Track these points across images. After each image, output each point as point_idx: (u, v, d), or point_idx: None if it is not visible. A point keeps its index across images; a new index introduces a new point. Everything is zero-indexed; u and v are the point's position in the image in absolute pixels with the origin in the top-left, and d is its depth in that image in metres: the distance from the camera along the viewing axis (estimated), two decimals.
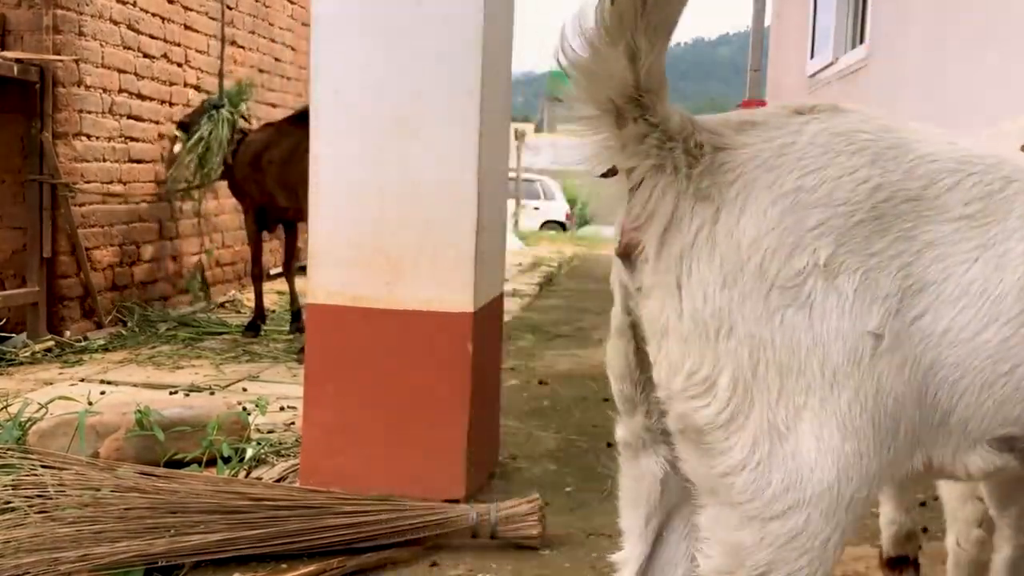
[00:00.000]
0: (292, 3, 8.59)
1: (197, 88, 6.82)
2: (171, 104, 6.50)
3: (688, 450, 1.24)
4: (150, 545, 2.29)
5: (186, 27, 6.70)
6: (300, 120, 4.68)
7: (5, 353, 4.82)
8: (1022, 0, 4.16)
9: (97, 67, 5.61)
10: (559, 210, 18.72)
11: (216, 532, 2.36)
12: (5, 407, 3.59)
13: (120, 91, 5.88)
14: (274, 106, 8.25)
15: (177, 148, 6.03)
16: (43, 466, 2.66)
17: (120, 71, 5.87)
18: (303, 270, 4.52)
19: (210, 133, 5.78)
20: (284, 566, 2.34)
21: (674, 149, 1.17)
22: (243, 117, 6.10)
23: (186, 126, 6.02)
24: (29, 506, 2.42)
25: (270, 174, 5.37)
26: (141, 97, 6.13)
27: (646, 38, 1.11)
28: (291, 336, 5.55)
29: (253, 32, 7.79)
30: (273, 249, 7.49)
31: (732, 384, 1.15)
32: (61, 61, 5.27)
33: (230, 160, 5.78)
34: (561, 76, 1.36)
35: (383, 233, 2.79)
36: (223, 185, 6.63)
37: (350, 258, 2.82)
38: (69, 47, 5.34)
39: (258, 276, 5.77)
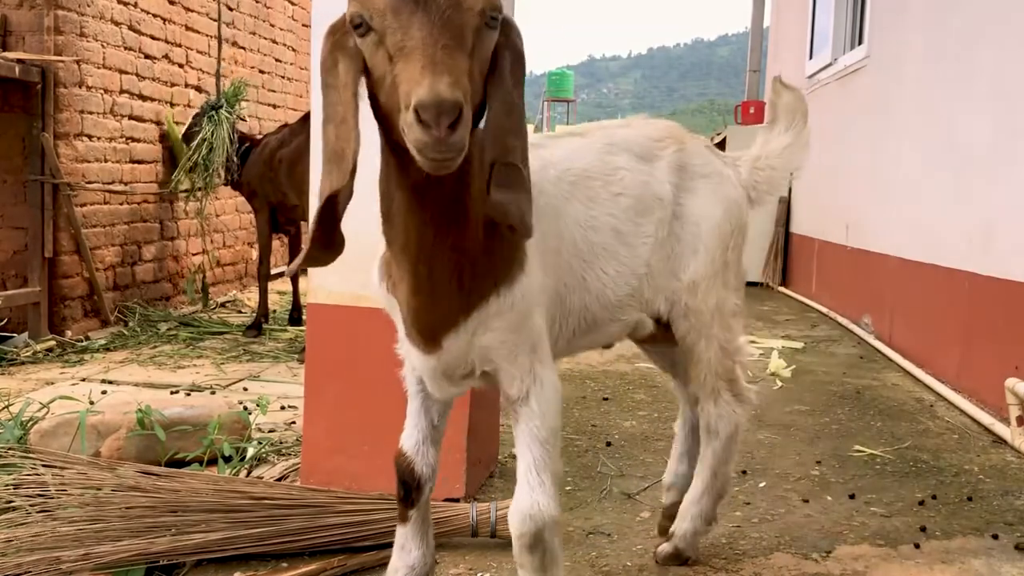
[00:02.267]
0: (293, 4, 8.60)
1: (198, 89, 6.84)
2: (172, 105, 6.51)
3: None
4: (151, 544, 2.30)
5: (187, 28, 6.71)
6: (308, 120, 4.75)
7: (6, 353, 4.84)
8: (1018, 0, 4.16)
9: (98, 68, 5.62)
10: None
11: (217, 531, 2.37)
12: (7, 406, 3.60)
13: (121, 92, 5.90)
14: (274, 107, 8.27)
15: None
16: (44, 465, 2.67)
17: (121, 72, 5.89)
18: (305, 270, 4.52)
19: (212, 133, 5.83)
20: (285, 564, 2.35)
21: None
22: (240, 118, 6.13)
23: (188, 137, 6.09)
24: (31, 505, 2.43)
25: (281, 172, 5.47)
26: (142, 98, 6.15)
27: None
28: (292, 335, 5.59)
29: (254, 33, 7.81)
30: (273, 249, 7.51)
31: None
32: (62, 62, 5.28)
33: (236, 160, 5.83)
34: (560, 77, 1.42)
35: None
36: (225, 186, 6.65)
37: (350, 258, 2.80)
38: (70, 48, 5.35)
39: (266, 275, 5.81)
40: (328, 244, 1.55)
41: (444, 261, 1.60)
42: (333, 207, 1.51)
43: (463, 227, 1.58)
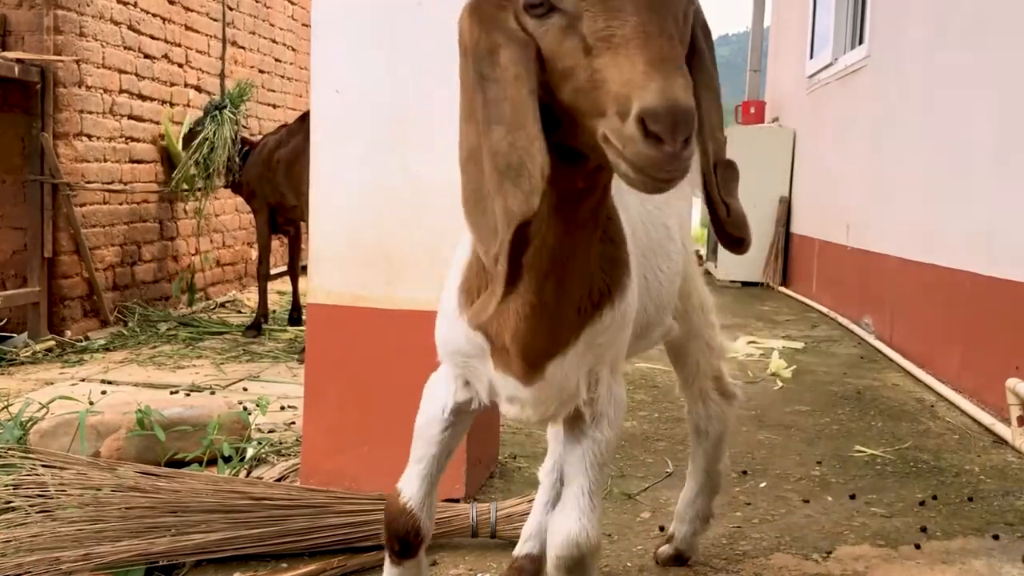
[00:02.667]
0: (292, 4, 8.60)
1: (198, 89, 6.84)
2: (172, 104, 6.51)
3: None
4: (151, 544, 2.30)
5: (187, 28, 6.71)
6: (306, 119, 4.80)
7: (6, 353, 4.83)
8: (1019, 0, 4.16)
9: (98, 67, 5.61)
10: None
11: (217, 531, 2.36)
12: (6, 407, 3.60)
13: (121, 91, 5.89)
14: (274, 106, 8.26)
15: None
16: (44, 466, 2.66)
17: (121, 71, 5.88)
18: (305, 269, 4.53)
19: (214, 133, 5.84)
20: (284, 565, 2.35)
21: None
22: (239, 124, 6.12)
23: (191, 137, 6.09)
24: (30, 506, 2.43)
25: (279, 173, 5.48)
26: (142, 97, 6.14)
27: None
28: (292, 335, 5.59)
29: (254, 32, 7.80)
30: (273, 249, 7.51)
31: None
32: (62, 61, 5.28)
33: (236, 162, 5.84)
34: None
35: (383, 233, 2.80)
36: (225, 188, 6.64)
37: (350, 258, 2.82)
38: (70, 47, 5.34)
39: (266, 275, 5.82)
40: (512, 283, 1.25)
41: (576, 274, 1.38)
42: (520, 238, 1.19)
43: (596, 233, 1.37)
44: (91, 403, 3.37)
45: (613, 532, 2.65)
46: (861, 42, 6.92)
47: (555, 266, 1.34)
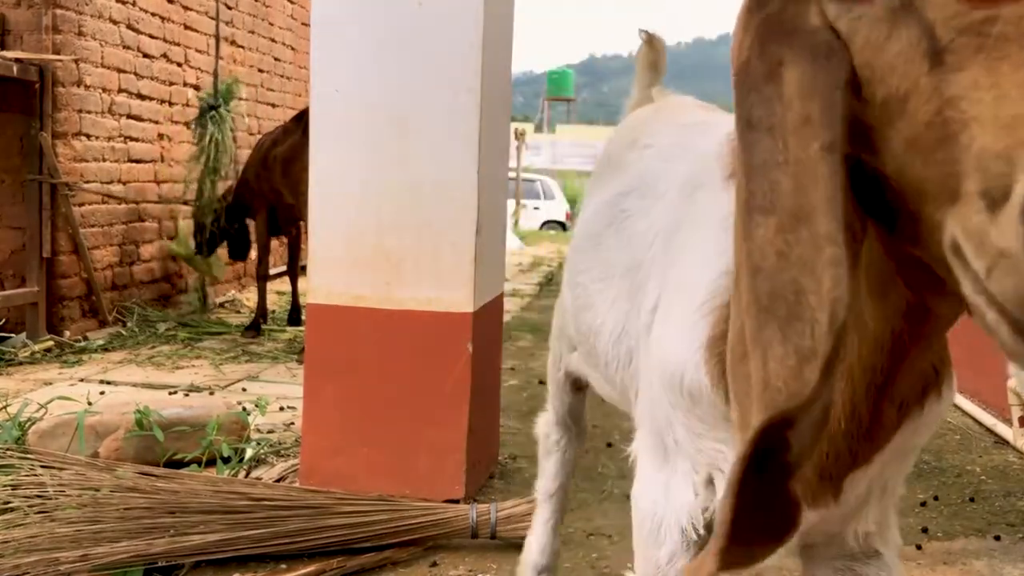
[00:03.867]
0: (292, 3, 8.59)
1: (196, 88, 6.82)
2: (171, 104, 6.50)
3: None
4: (149, 545, 2.29)
5: (186, 27, 6.70)
6: (302, 118, 4.81)
7: (4, 353, 4.82)
8: None
9: (97, 67, 5.60)
10: (559, 210, 18.72)
11: (216, 532, 2.36)
12: (5, 407, 3.59)
13: (120, 91, 5.88)
14: (274, 106, 8.25)
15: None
16: (42, 466, 2.66)
17: (120, 71, 5.87)
18: (304, 269, 4.52)
19: (218, 131, 5.85)
20: (284, 566, 2.34)
21: None
22: (233, 124, 6.11)
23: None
24: (29, 506, 2.42)
25: (276, 172, 5.47)
26: (141, 97, 6.13)
27: None
28: (291, 336, 5.59)
29: (253, 32, 7.79)
30: (273, 249, 7.49)
31: None
32: (61, 61, 5.27)
33: (235, 164, 5.88)
34: (560, 76, 1.28)
35: (383, 233, 2.79)
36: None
37: (350, 258, 2.82)
38: (69, 47, 5.33)
39: (264, 275, 5.81)
40: (768, 524, 0.70)
41: (910, 371, 0.90)
42: (779, 442, 0.65)
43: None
44: (90, 403, 3.36)
45: (613, 533, 2.65)
46: None
47: (883, 379, 0.87)
